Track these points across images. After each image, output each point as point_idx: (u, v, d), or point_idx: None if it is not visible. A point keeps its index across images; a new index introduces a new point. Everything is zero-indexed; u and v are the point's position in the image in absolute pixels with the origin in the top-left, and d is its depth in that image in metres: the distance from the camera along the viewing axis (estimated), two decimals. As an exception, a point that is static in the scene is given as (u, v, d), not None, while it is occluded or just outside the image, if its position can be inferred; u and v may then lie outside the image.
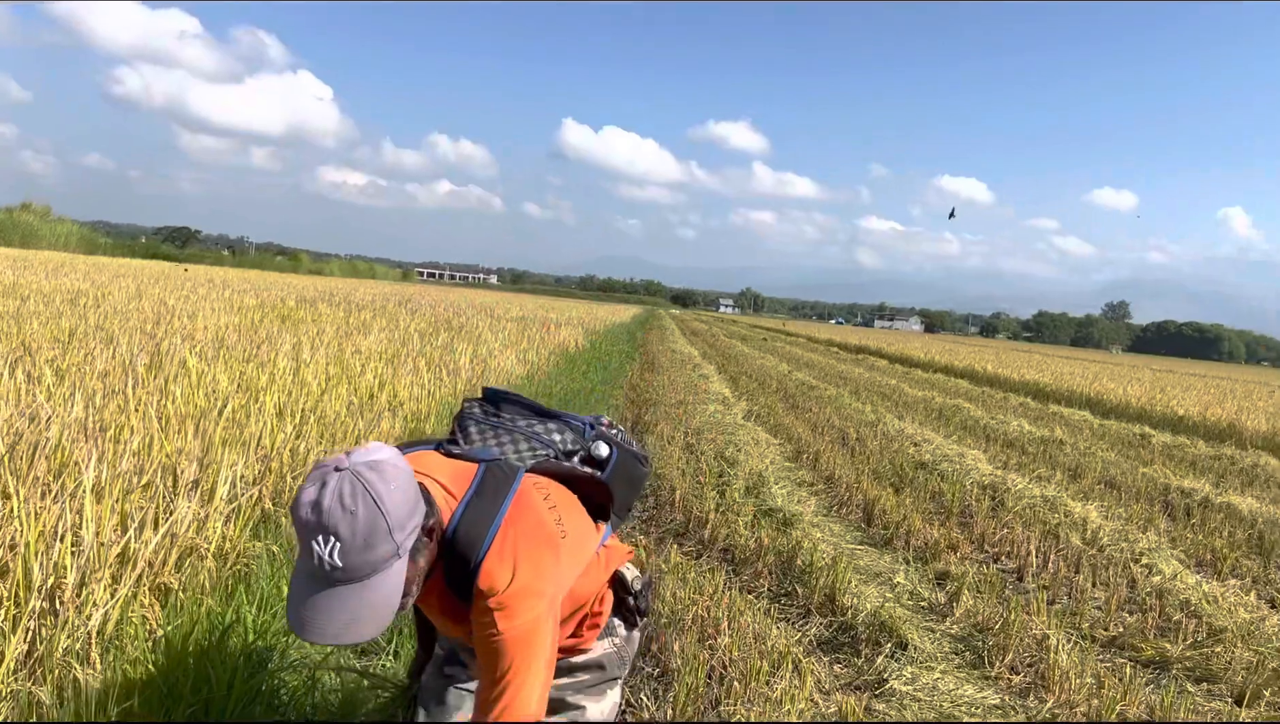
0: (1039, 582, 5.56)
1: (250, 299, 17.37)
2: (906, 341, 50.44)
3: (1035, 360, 37.34)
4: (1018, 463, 9.86)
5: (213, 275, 33.69)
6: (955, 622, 4.65)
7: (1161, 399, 17.99)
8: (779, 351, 30.81)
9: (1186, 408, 16.39)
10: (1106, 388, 20.09)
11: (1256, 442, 13.45)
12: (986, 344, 74.38)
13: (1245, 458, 12.00)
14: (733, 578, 5.06)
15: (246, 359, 7.73)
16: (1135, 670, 4.33)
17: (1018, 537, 6.36)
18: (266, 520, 3.83)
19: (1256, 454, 12.33)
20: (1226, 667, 4.34)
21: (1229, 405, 18.03)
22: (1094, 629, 4.79)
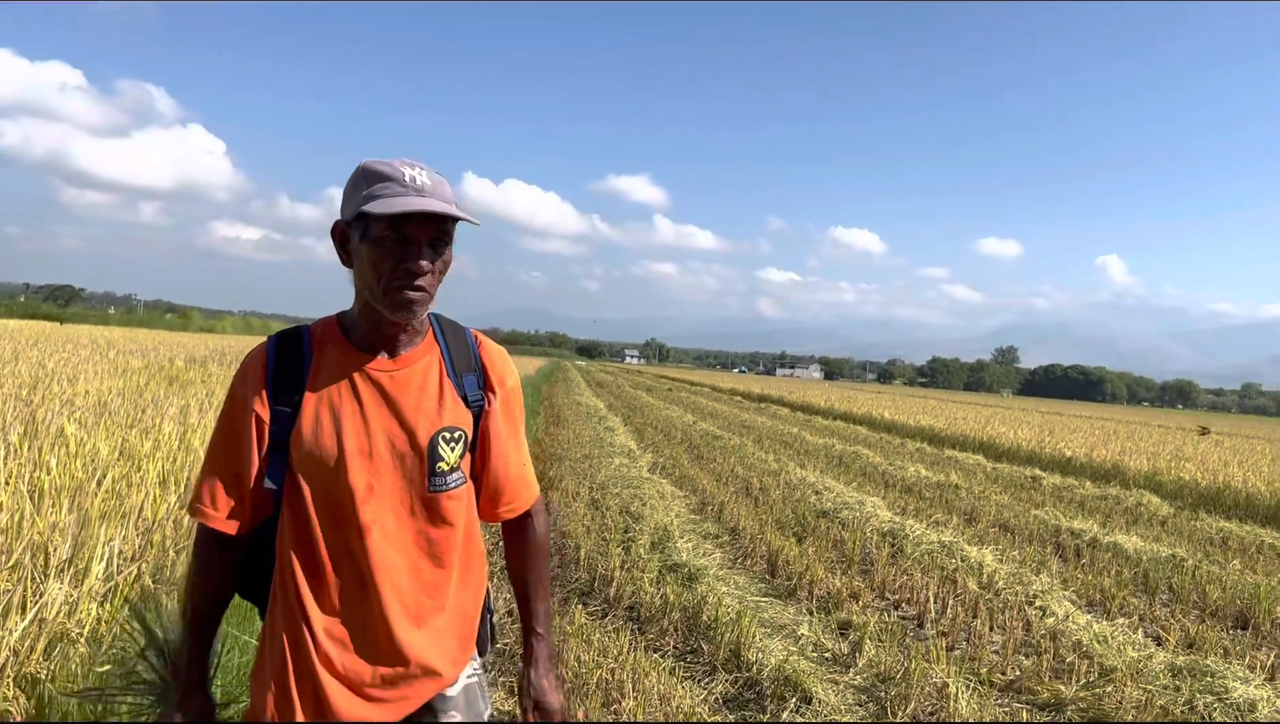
0: (938, 628, 5.66)
1: (136, 361, 16.70)
2: (807, 389, 51.38)
3: (930, 406, 38.40)
4: (915, 509, 10.07)
5: (96, 335, 32.34)
6: (858, 672, 4.68)
7: (1050, 441, 18.66)
8: (683, 402, 31.02)
9: (1074, 449, 17.03)
10: (998, 432, 20.75)
11: (1139, 481, 14.02)
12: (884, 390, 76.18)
13: (1129, 497, 12.50)
14: (638, 637, 5.00)
15: (130, 425, 7.40)
16: (1032, 713, 4.43)
17: (917, 583, 6.47)
18: (147, 598, 3.63)
19: (1139, 493, 12.84)
20: (1117, 706, 4.46)
21: (1113, 446, 18.80)
22: (992, 674, 4.87)
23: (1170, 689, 4.67)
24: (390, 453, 1.74)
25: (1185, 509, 11.96)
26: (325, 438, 1.71)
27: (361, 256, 1.67)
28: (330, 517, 1.72)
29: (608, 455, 12.42)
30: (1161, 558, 8.13)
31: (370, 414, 1.74)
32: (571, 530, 7.18)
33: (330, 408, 1.73)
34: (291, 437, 1.72)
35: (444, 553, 1.81)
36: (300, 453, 1.71)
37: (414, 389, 1.77)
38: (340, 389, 1.74)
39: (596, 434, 15.44)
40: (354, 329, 1.77)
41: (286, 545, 1.75)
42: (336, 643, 1.72)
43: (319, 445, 1.71)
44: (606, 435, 15.39)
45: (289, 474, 1.74)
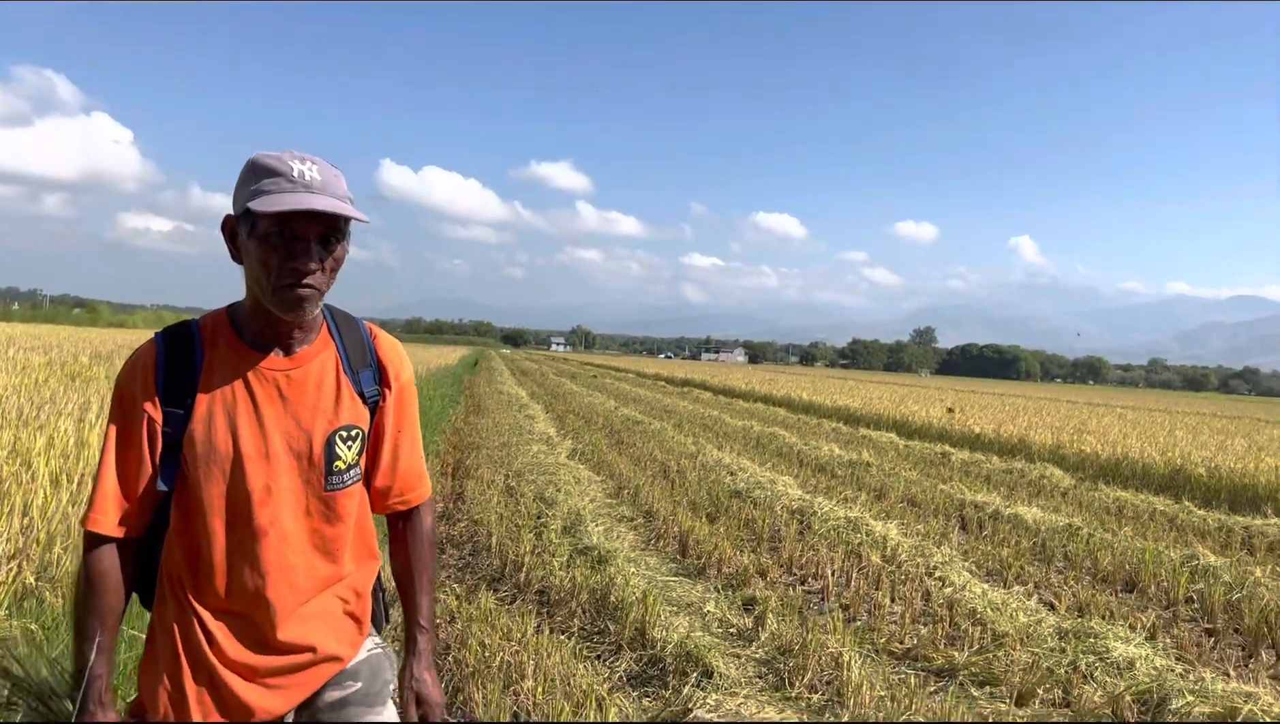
0: (841, 601, 5.81)
1: (39, 357, 16.10)
2: (730, 373, 51.87)
3: (849, 386, 39.10)
4: (827, 487, 10.28)
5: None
6: (760, 646, 4.79)
7: (960, 419, 19.18)
8: (607, 388, 31.07)
9: (983, 426, 17.53)
10: (911, 410, 21.25)
11: (1043, 455, 14.52)
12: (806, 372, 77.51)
13: (1033, 470, 12.94)
14: (547, 620, 5.04)
15: (25, 423, 7.16)
16: (926, 679, 4.58)
17: (823, 558, 6.63)
18: (28, 596, 3.54)
19: (1043, 466, 13.31)
20: (1006, 669, 4.64)
21: (1020, 421, 19.40)
22: (890, 643, 5.03)
23: (1056, 652, 4.87)
24: (287, 453, 1.73)
25: (1086, 481, 12.42)
26: (220, 440, 1.68)
27: (249, 254, 1.64)
28: (226, 518, 1.70)
29: (526, 443, 12.41)
30: (1059, 527, 8.46)
31: (266, 415, 1.71)
32: (485, 518, 7.17)
33: (225, 409, 1.69)
34: (185, 438, 1.68)
35: (338, 549, 1.82)
36: (195, 455, 1.68)
37: (311, 388, 1.76)
38: (235, 389, 1.71)
39: (516, 422, 15.40)
40: (246, 325, 1.73)
41: (176, 545, 1.74)
42: (231, 637, 1.73)
43: (213, 448, 1.68)
44: (527, 423, 15.36)
45: (180, 476, 1.71)
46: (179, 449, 1.69)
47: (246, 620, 1.73)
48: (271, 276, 1.61)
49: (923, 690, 4.28)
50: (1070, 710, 4.23)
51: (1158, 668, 4.62)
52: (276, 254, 1.60)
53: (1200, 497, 11.22)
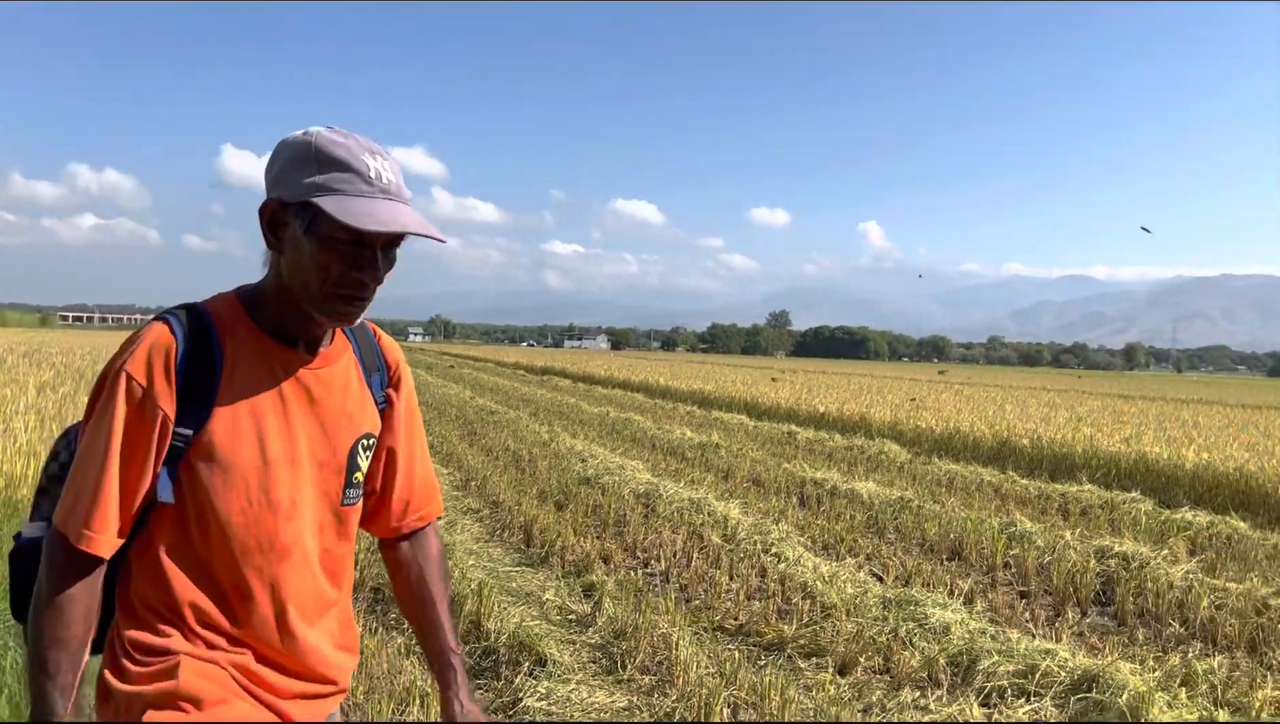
0: (680, 581, 5.91)
1: None
2: (590, 360, 52.00)
3: (705, 370, 39.81)
4: (676, 470, 10.44)
5: None
6: (597, 631, 4.82)
7: (807, 399, 19.80)
8: (464, 378, 30.66)
9: (827, 406, 18.14)
10: (761, 392, 21.80)
11: (882, 431, 15.13)
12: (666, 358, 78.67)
13: (872, 446, 13.47)
14: (380, 618, 4.94)
15: None
16: (757, 653, 4.72)
17: (665, 540, 6.73)
18: None
19: (881, 442, 13.86)
20: (832, 640, 4.82)
21: (863, 400, 20.17)
22: (725, 620, 5.16)
23: (880, 620, 5.09)
24: (311, 462, 1.53)
25: (921, 455, 13.01)
26: (246, 444, 1.45)
27: (301, 251, 1.43)
28: (243, 535, 1.47)
29: (373, 436, 12.12)
30: (892, 501, 8.83)
31: (294, 417, 1.51)
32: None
33: (251, 408, 1.47)
34: (198, 441, 1.44)
35: (342, 571, 1.64)
36: (212, 461, 1.44)
37: (338, 391, 1.58)
38: (261, 386, 1.49)
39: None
40: (267, 315, 1.52)
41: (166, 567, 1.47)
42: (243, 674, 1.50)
43: (238, 453, 1.45)
44: (375, 416, 15.00)
45: (180, 486, 1.45)
46: (183, 454, 1.44)
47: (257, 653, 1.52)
48: (328, 283, 1.43)
49: (750, 665, 4.40)
50: (889, 677, 4.43)
51: (971, 631, 4.88)
52: (341, 262, 1.42)
53: (1024, 467, 11.92)
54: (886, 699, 4.16)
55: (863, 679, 4.41)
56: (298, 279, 1.45)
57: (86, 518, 1.40)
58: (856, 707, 4.09)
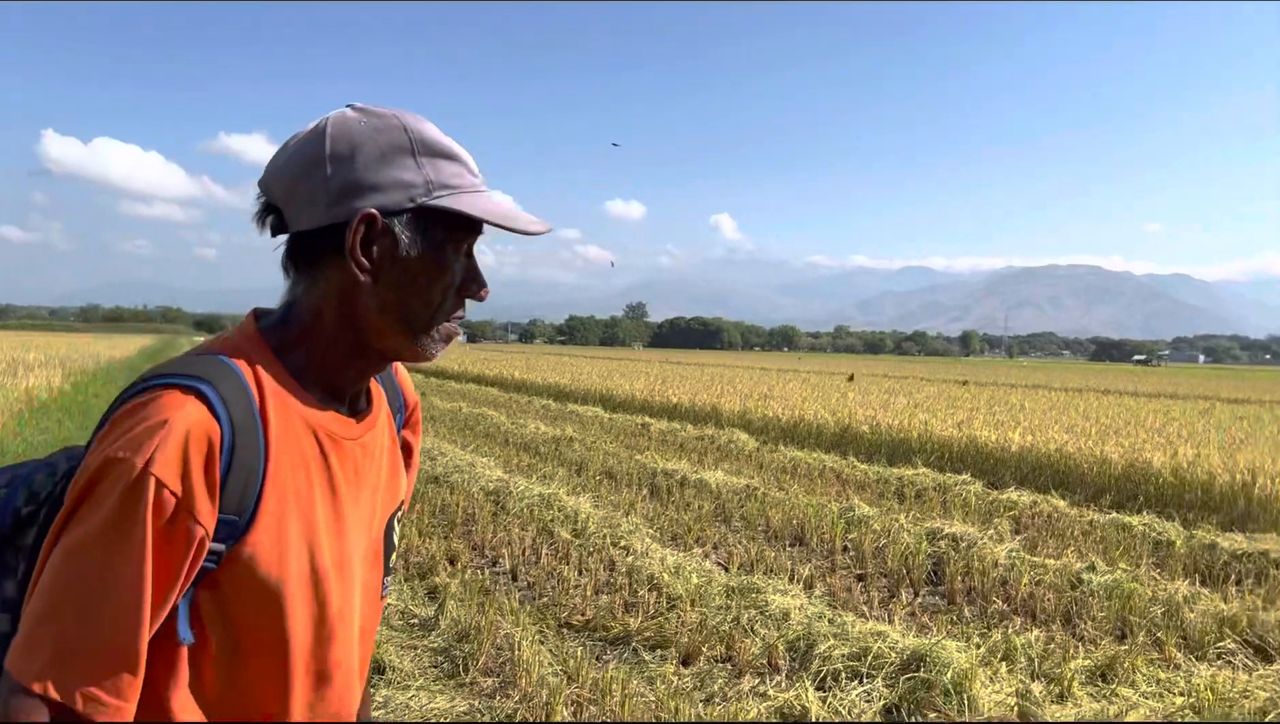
0: (528, 579, 5.86)
1: None
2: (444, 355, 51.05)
3: (563, 363, 39.72)
4: (528, 465, 10.36)
5: None
6: (440, 634, 4.73)
7: (661, 390, 20.01)
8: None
9: (680, 396, 18.38)
10: (616, 384, 21.92)
11: (732, 420, 15.44)
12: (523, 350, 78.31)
13: (722, 436, 13.72)
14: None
15: None
16: (603, 648, 4.72)
17: (514, 538, 6.66)
18: None
19: (731, 431, 14.14)
20: (677, 631, 4.87)
21: (715, 390, 20.53)
22: (572, 616, 5.14)
23: (723, 609, 5.18)
24: (357, 557, 1.19)
25: (768, 443, 13.33)
26: (295, 556, 1.08)
27: (411, 271, 1.11)
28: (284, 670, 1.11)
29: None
30: (739, 489, 9.01)
31: (345, 507, 1.16)
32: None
33: (299, 507, 1.09)
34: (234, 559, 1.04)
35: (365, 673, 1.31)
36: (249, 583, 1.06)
37: (377, 456, 1.24)
38: (310, 474, 1.12)
39: (200, 416, 14.32)
40: (301, 364, 1.14)
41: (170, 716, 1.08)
42: None
43: (285, 568, 1.07)
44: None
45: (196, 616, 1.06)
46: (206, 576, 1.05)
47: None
48: (436, 306, 1.14)
49: (595, 661, 4.40)
50: (731, 665, 4.51)
51: (810, 616, 5.03)
52: (452, 276, 1.14)
53: (864, 452, 12.37)
54: (728, 688, 4.24)
55: (705, 669, 4.47)
56: (396, 308, 1.12)
57: (112, 682, 0.97)
58: (699, 697, 4.14)
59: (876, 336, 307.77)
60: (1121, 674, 4.44)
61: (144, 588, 0.97)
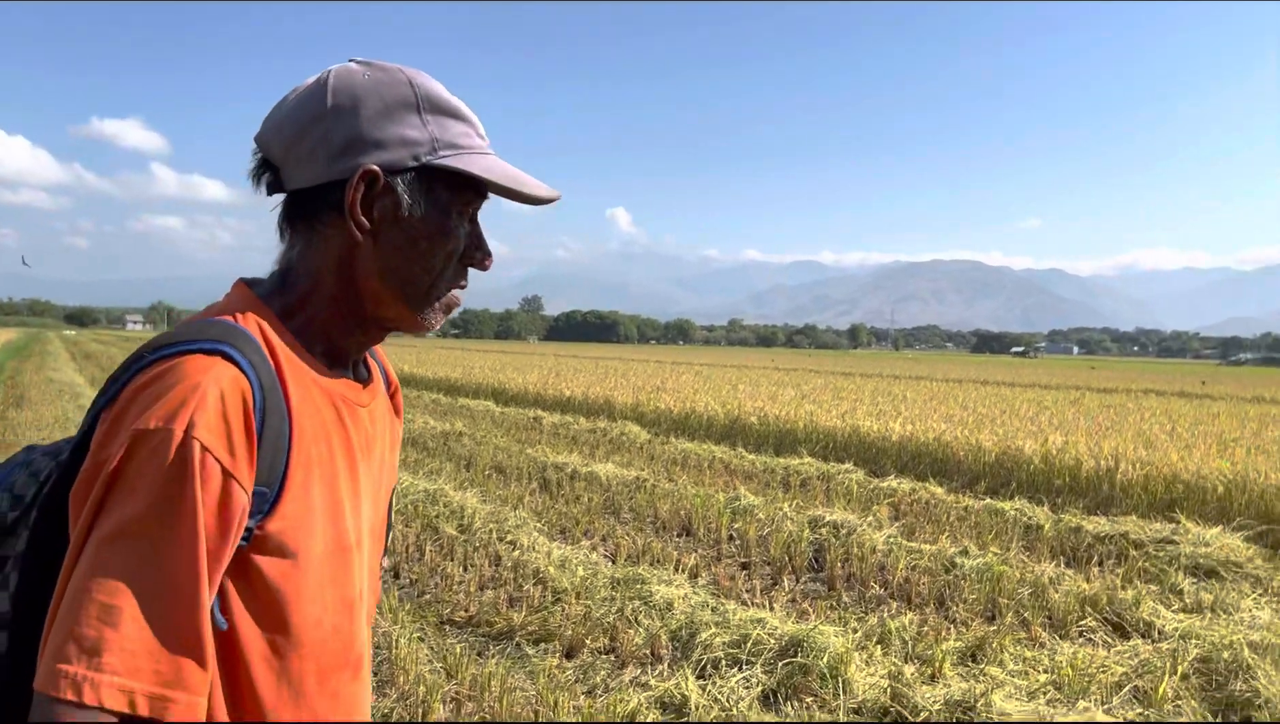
0: (410, 576, 5.75)
1: None
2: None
3: (454, 356, 39.23)
4: (415, 461, 10.18)
5: None
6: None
7: (555, 383, 19.94)
8: (189, 369, 28.56)
9: (574, 389, 18.34)
10: (509, 377, 21.74)
11: (625, 413, 15.48)
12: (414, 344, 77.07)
13: (615, 429, 13.73)
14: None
15: None
16: (486, 644, 4.66)
17: (397, 535, 6.53)
18: None
19: (624, 424, 14.17)
20: (561, 624, 4.85)
21: (608, 383, 20.56)
22: (455, 612, 5.06)
23: (608, 601, 5.18)
24: (370, 533, 1.14)
25: (660, 435, 13.41)
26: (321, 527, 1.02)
27: (413, 234, 1.06)
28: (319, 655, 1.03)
29: (75, 436, 11.01)
30: (628, 481, 9.04)
31: (361, 477, 1.11)
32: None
33: (324, 475, 1.03)
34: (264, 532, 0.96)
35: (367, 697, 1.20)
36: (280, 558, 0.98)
37: (383, 431, 1.19)
38: (331, 440, 1.06)
39: (65, 414, 13.63)
40: (322, 334, 1.09)
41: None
42: None
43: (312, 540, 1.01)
44: (78, 415, 13.64)
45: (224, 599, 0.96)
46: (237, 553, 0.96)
47: None
48: (437, 273, 1.08)
49: (475, 657, 4.35)
50: (615, 656, 4.51)
51: (693, 605, 5.07)
52: (456, 241, 1.08)
53: (753, 443, 12.55)
54: (610, 679, 4.24)
55: (589, 661, 4.46)
56: (396, 271, 1.06)
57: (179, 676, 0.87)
58: (580, 689, 4.13)
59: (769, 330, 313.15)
60: (990, 654, 4.60)
61: (200, 569, 0.88)
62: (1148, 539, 7.01)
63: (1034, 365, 73.88)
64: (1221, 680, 4.29)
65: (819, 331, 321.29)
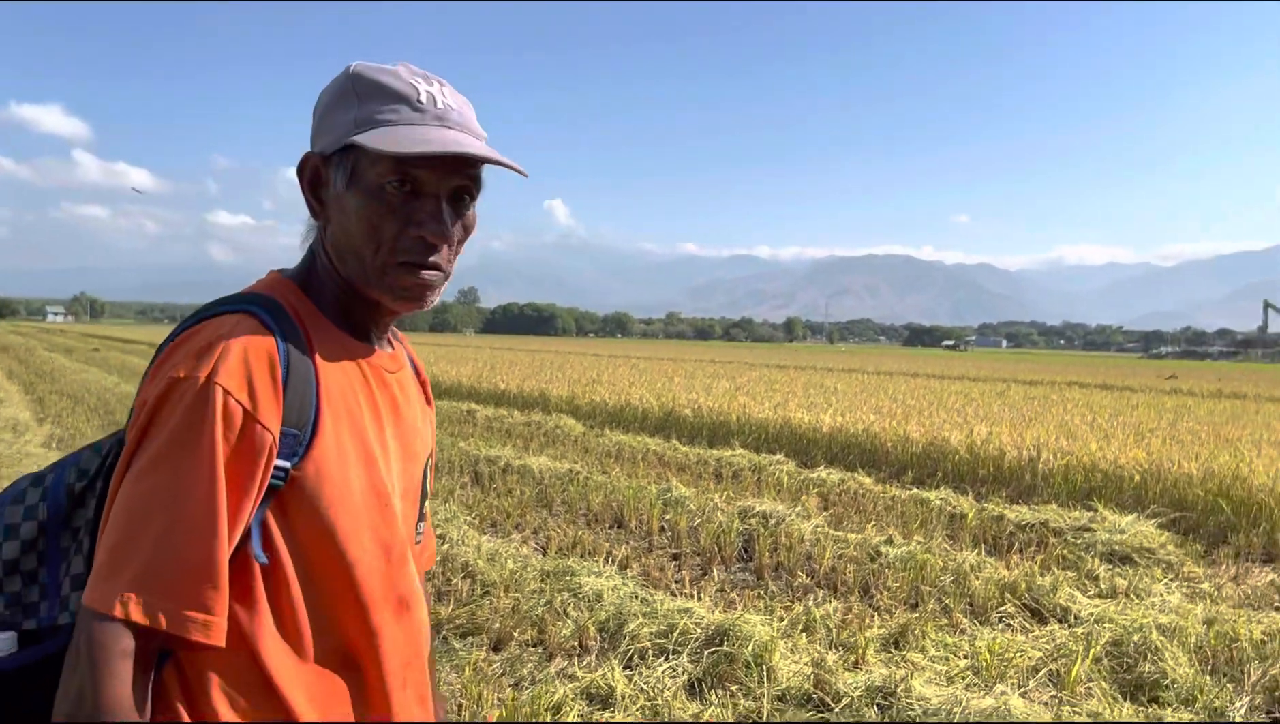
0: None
1: None
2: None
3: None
4: (344, 454, 10.03)
5: None
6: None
7: (489, 376, 19.81)
8: (110, 363, 27.72)
9: (509, 383, 18.25)
10: (443, 371, 21.54)
11: (560, 406, 15.45)
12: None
13: (549, 422, 13.70)
14: None
15: None
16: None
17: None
18: None
19: (559, 417, 14.14)
20: (489, 617, 4.82)
21: (544, 376, 20.51)
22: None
23: (537, 593, 5.17)
24: (398, 491, 1.21)
25: (595, 428, 13.40)
26: (356, 474, 1.11)
27: (346, 211, 1.12)
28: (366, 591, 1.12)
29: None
30: (561, 474, 9.02)
31: (389, 436, 1.20)
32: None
33: (353, 428, 1.13)
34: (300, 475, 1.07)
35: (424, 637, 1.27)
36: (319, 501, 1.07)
37: (412, 398, 1.30)
38: (357, 396, 1.16)
39: (-21, 407, 13.16)
40: (327, 304, 1.19)
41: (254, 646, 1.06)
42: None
43: (349, 485, 1.10)
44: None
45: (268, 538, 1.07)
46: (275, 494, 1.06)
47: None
48: (383, 249, 1.12)
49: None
50: (542, 648, 4.51)
51: (622, 596, 5.08)
52: (394, 216, 1.11)
53: (687, 435, 12.62)
54: (537, 671, 4.24)
55: (516, 653, 4.45)
56: (348, 250, 1.14)
57: (197, 596, 0.97)
58: (507, 682, 4.12)
59: (706, 323, 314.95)
60: (912, 640, 4.69)
61: (218, 499, 0.99)
62: (1066, 527, 7.21)
63: (964, 358, 75.46)
64: (1131, 663, 4.43)
65: (755, 325, 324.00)
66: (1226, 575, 6.28)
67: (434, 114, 1.13)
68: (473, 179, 1.16)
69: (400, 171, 1.10)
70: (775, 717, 3.80)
